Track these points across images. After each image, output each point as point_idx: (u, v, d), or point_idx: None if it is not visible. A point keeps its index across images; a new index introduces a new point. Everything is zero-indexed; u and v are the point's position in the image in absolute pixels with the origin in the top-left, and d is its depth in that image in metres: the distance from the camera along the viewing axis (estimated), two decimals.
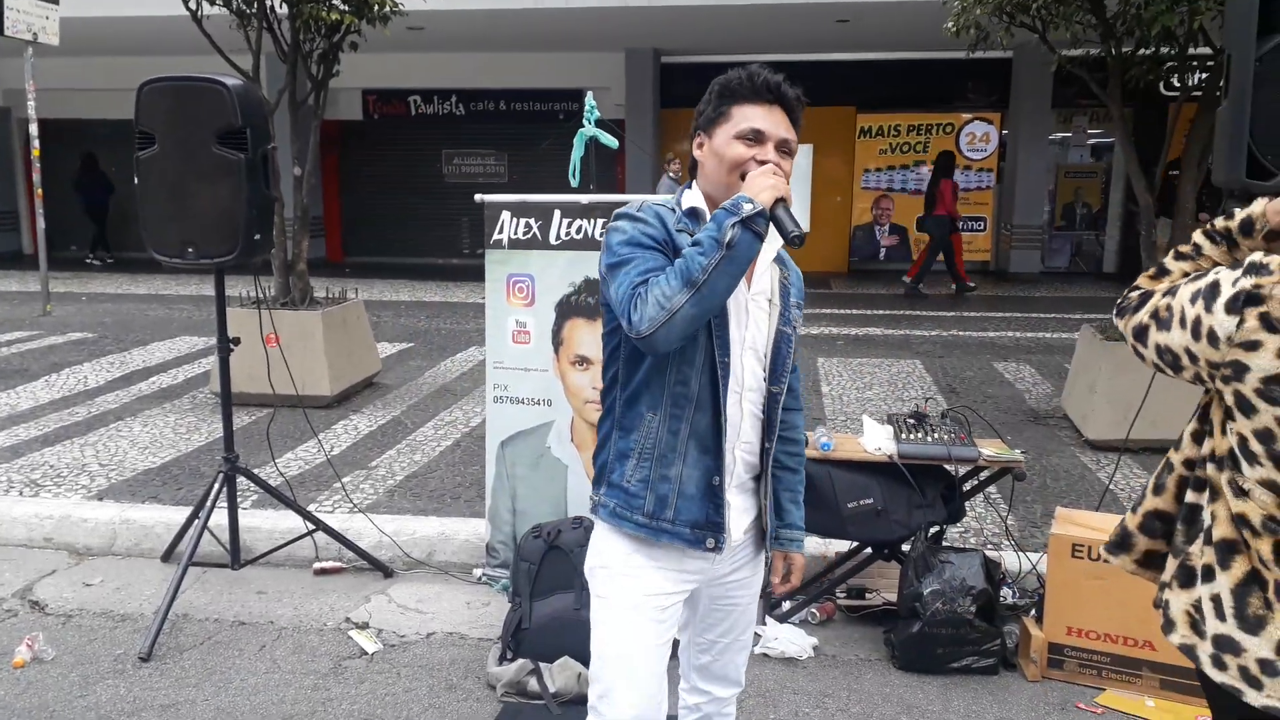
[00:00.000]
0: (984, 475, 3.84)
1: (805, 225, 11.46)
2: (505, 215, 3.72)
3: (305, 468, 5.40)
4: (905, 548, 3.66)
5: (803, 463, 2.28)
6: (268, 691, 3.38)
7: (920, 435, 3.74)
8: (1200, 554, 1.66)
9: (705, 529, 2.02)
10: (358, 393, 7.04)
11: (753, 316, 2.04)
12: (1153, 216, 5.69)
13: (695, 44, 14.34)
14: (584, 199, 3.61)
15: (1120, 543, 1.89)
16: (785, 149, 2.00)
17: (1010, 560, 4.05)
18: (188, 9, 6.18)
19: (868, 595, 3.96)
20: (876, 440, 3.71)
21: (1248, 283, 1.54)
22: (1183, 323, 1.63)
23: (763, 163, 1.95)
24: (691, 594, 2.15)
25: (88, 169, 15.98)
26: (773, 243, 2.03)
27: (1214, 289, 1.59)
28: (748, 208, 1.85)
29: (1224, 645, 1.61)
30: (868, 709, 3.26)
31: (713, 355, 1.97)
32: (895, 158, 15.21)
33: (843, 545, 4.02)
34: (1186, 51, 5.67)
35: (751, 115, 1.98)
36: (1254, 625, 1.57)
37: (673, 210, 2.05)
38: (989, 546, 4.25)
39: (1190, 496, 1.71)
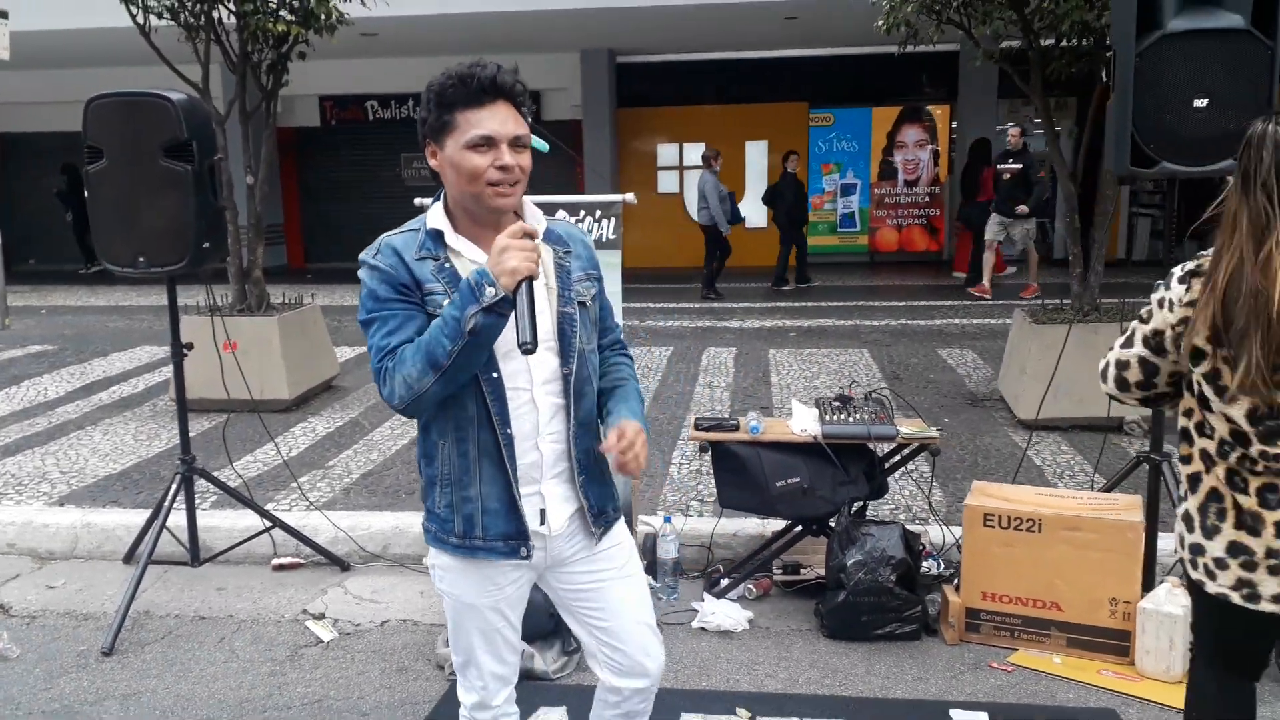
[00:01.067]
0: (905, 452, 4.05)
1: (763, 221, 11.41)
2: None
3: (264, 469, 5.54)
4: (833, 523, 3.86)
5: (632, 370, 2.29)
6: (226, 679, 3.53)
7: (844, 416, 3.95)
8: (1184, 493, 2.25)
9: (516, 539, 2.07)
10: (316, 396, 7.17)
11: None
12: (1075, 204, 5.95)
13: (649, 43, 14.54)
14: None
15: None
16: (518, 145, 1.96)
17: (936, 534, 4.28)
18: (135, 24, 6.28)
19: (802, 570, 4.16)
20: (802, 422, 3.92)
21: (1192, 264, 2.14)
22: (1145, 318, 2.21)
23: (502, 168, 1.93)
24: (556, 595, 2.24)
25: (72, 180, 15.87)
26: (539, 224, 2.05)
27: (1168, 278, 2.18)
28: (490, 293, 1.83)
29: (1195, 550, 2.19)
30: (794, 674, 3.47)
31: (477, 375, 1.97)
32: None
33: (780, 525, 4.22)
34: (1105, 43, 5.92)
35: (476, 120, 1.93)
36: (1210, 533, 2.16)
37: (416, 231, 2.04)
38: (917, 522, 4.48)
39: (1182, 449, 2.26)
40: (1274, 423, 2.04)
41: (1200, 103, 3.27)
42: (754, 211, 15.30)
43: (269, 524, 4.47)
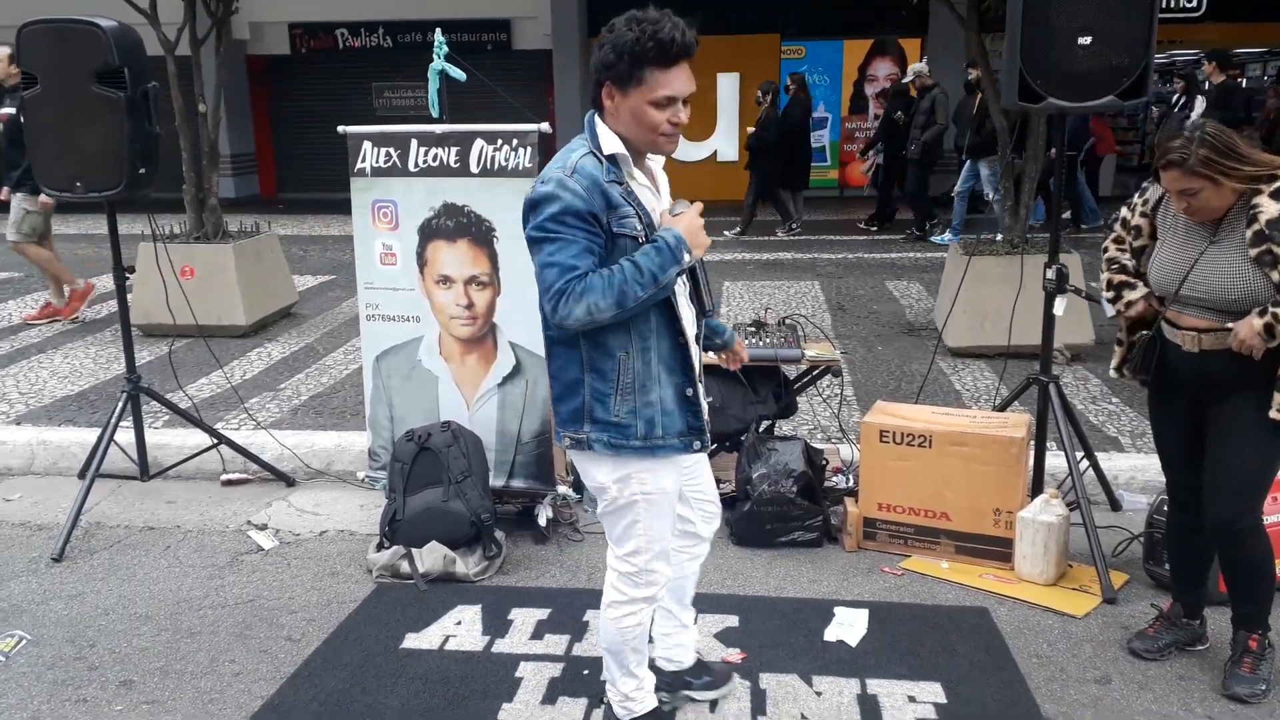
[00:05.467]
0: (815, 373, 4.26)
1: (734, 154, 11.93)
2: (367, 145, 4.04)
3: (216, 391, 5.73)
4: (744, 440, 4.08)
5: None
6: (167, 582, 3.76)
7: (756, 341, 4.15)
8: None
9: (690, 435, 2.37)
10: (274, 322, 7.33)
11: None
12: (1008, 139, 6.09)
13: None
14: (438, 129, 3.93)
15: None
16: (689, 100, 2.20)
17: (847, 453, 4.51)
18: None
19: (722, 485, 4.39)
20: None
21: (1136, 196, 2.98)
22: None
23: (675, 124, 2.16)
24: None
25: None
26: (656, 161, 2.39)
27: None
28: (687, 259, 2.18)
29: None
30: (700, 577, 3.70)
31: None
32: None
33: None
34: None
35: (665, 81, 2.11)
36: None
37: (591, 154, 2.18)
38: (833, 442, 4.71)
39: None
40: None
41: (1084, 40, 3.42)
42: (725, 144, 15.36)
43: (215, 441, 4.68)
